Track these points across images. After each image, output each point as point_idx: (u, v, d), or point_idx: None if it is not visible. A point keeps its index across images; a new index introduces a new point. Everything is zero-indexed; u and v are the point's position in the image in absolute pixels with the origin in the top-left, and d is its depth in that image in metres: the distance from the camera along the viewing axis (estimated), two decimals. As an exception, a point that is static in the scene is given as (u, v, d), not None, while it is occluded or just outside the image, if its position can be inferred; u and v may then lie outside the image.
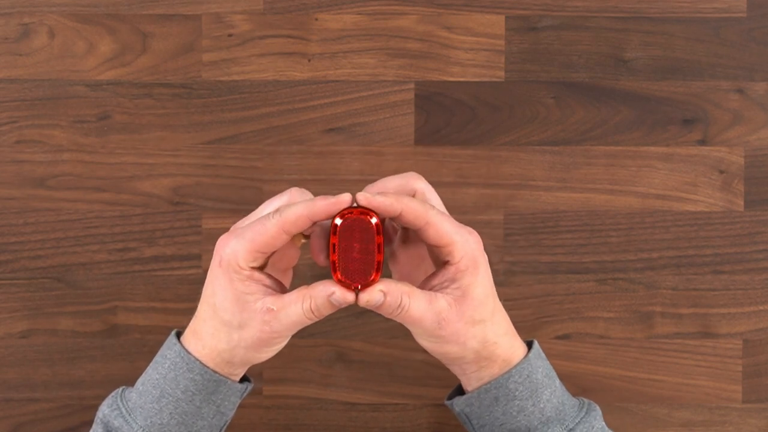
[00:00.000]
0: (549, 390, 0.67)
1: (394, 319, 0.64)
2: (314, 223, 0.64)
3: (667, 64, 0.84)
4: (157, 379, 0.66)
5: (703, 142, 0.84)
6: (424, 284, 0.66)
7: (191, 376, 0.65)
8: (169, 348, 0.67)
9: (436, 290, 0.65)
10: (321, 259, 0.65)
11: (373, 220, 0.62)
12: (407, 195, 0.66)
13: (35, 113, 0.83)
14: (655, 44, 0.84)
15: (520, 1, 0.83)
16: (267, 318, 0.63)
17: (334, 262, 0.62)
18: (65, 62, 0.83)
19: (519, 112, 0.84)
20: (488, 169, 0.84)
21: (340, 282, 0.62)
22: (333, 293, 0.62)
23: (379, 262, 0.62)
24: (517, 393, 0.66)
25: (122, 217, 0.83)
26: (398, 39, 0.83)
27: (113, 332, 0.83)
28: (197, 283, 0.83)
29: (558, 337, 0.84)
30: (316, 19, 0.83)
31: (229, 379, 0.66)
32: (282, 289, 0.65)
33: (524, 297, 0.84)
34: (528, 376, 0.66)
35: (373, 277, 0.62)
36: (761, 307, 0.84)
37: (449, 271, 0.64)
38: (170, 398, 0.65)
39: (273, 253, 0.65)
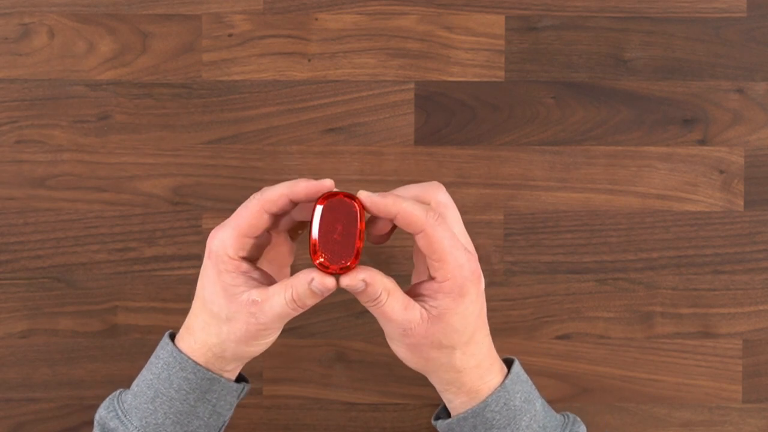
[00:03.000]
0: (528, 415, 0.66)
1: (368, 308, 0.64)
2: (295, 204, 0.64)
3: (667, 64, 0.84)
4: (150, 380, 0.66)
5: (703, 142, 0.84)
6: (412, 288, 0.66)
7: (184, 374, 0.65)
8: (162, 348, 0.67)
9: (419, 299, 0.64)
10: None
11: (357, 205, 0.62)
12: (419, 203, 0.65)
13: (35, 113, 0.83)
14: (655, 44, 0.84)
15: (520, 1, 0.83)
16: (253, 310, 0.63)
17: (314, 245, 0.62)
18: (65, 62, 0.83)
19: (519, 112, 0.84)
20: (488, 169, 0.84)
21: (320, 265, 0.61)
22: (312, 280, 0.61)
23: (358, 249, 0.62)
24: (494, 422, 0.65)
25: (122, 217, 0.83)
26: (398, 39, 0.83)
27: (113, 332, 0.83)
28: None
29: (558, 337, 0.84)
30: (316, 19, 0.83)
31: (223, 376, 0.66)
32: (270, 282, 0.65)
33: (524, 297, 0.84)
34: (505, 403, 0.65)
35: (351, 262, 0.62)
36: (761, 307, 0.84)
37: (432, 287, 0.63)
38: (164, 398, 0.65)
39: (263, 243, 0.65)
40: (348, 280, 0.62)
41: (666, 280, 0.84)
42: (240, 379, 0.70)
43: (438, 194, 0.67)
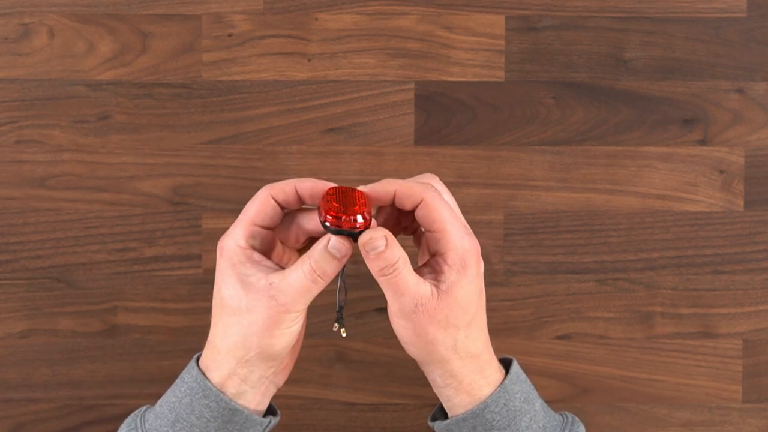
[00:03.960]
0: (528, 416, 0.66)
1: (380, 280, 0.63)
2: (302, 202, 0.64)
3: (667, 64, 0.84)
4: (173, 403, 0.65)
5: (703, 142, 0.84)
6: (416, 272, 0.66)
7: (206, 402, 0.64)
8: (187, 372, 0.66)
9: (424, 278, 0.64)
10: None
11: (362, 192, 0.63)
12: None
13: (35, 113, 0.83)
14: (655, 44, 0.84)
15: (520, 1, 0.83)
16: (272, 293, 0.62)
17: (324, 206, 0.62)
18: (65, 62, 0.83)
19: (519, 112, 0.84)
20: (488, 169, 0.84)
21: (332, 219, 0.61)
22: (329, 241, 0.62)
23: (368, 218, 0.62)
24: (494, 423, 0.65)
25: (122, 217, 0.83)
26: (398, 39, 0.83)
27: (113, 332, 0.83)
28: (197, 283, 0.83)
29: (558, 337, 0.84)
30: (316, 19, 0.83)
31: (247, 408, 0.65)
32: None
33: (524, 297, 0.84)
34: (505, 404, 0.65)
35: (361, 225, 0.61)
36: (761, 307, 0.84)
37: (437, 262, 0.64)
38: (185, 423, 0.64)
39: (272, 242, 0.65)
40: (371, 233, 0.61)
41: (666, 280, 0.84)
42: (269, 411, 0.68)
43: (432, 182, 0.67)
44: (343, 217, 0.61)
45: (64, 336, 0.83)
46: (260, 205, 0.64)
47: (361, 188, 0.64)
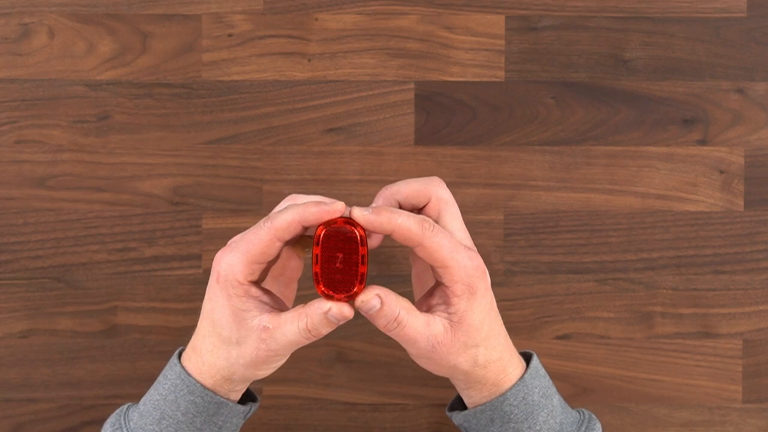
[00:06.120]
0: (546, 411, 0.66)
1: (390, 335, 0.63)
2: (307, 229, 0.62)
3: (667, 64, 0.84)
4: (157, 400, 0.65)
5: (703, 142, 0.84)
6: (423, 300, 0.65)
7: (192, 398, 0.64)
8: (170, 368, 0.66)
9: (434, 311, 0.64)
10: None
11: (357, 231, 0.61)
12: (422, 199, 0.65)
13: (35, 113, 0.83)
14: (655, 44, 0.84)
15: (520, 1, 0.83)
16: (263, 336, 0.62)
17: (316, 273, 0.61)
18: (65, 62, 0.83)
19: (519, 112, 0.84)
20: (488, 169, 0.84)
21: (324, 294, 0.61)
22: (329, 309, 0.61)
23: (362, 274, 0.61)
24: (512, 416, 0.65)
25: (122, 217, 0.83)
26: (398, 39, 0.83)
27: (113, 332, 0.83)
28: (197, 283, 0.83)
29: (558, 337, 0.84)
30: (316, 19, 0.83)
31: (230, 400, 0.65)
32: (281, 306, 0.64)
33: (524, 297, 0.84)
34: (523, 398, 0.65)
35: (356, 289, 0.61)
36: (761, 307, 0.84)
37: (445, 293, 0.63)
38: (171, 420, 0.64)
39: (270, 263, 0.64)
40: (364, 296, 0.61)
41: (666, 280, 0.84)
42: (248, 396, 0.69)
43: (438, 190, 0.66)
44: (335, 296, 0.61)
45: (64, 336, 0.83)
46: (263, 247, 0.62)
47: (357, 216, 0.61)
